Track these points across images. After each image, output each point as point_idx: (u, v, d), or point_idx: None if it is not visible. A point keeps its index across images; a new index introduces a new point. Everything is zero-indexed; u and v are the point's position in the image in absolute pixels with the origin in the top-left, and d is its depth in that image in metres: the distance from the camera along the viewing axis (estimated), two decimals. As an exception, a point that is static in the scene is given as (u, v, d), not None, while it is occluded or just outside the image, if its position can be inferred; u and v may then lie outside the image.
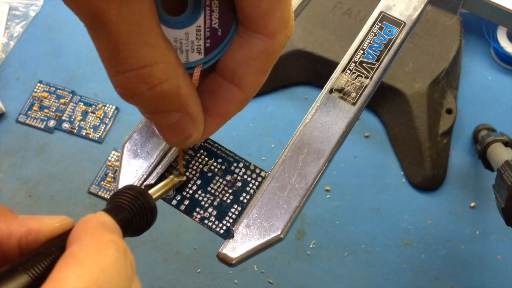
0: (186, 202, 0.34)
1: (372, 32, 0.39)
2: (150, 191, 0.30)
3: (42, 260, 0.21)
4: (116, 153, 0.68)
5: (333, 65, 0.66)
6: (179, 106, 0.26)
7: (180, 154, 0.34)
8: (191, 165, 0.35)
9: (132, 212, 0.26)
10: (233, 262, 0.31)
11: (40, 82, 0.72)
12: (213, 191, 0.34)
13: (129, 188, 0.27)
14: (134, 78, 0.24)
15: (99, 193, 0.65)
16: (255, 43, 0.27)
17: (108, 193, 0.65)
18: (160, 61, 0.24)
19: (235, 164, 0.35)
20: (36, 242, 0.22)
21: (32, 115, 0.70)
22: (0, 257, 0.22)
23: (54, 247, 0.22)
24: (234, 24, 0.27)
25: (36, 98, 0.71)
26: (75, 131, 0.69)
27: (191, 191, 0.34)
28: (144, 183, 0.34)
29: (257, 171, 0.35)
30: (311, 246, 0.63)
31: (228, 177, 0.34)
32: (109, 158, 0.67)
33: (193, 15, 0.27)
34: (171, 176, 0.34)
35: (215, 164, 0.35)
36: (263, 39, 0.26)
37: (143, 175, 0.34)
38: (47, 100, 0.71)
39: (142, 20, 0.23)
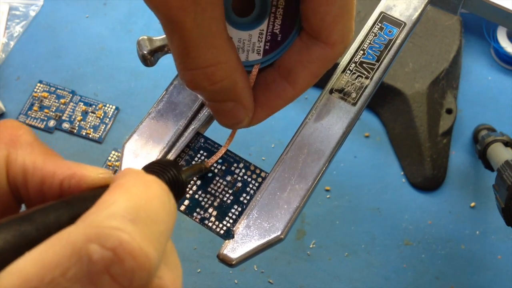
0: (186, 202, 0.34)
1: (372, 32, 0.39)
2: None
3: (84, 201, 0.21)
4: (116, 153, 0.68)
5: (333, 65, 0.66)
6: (235, 97, 0.30)
7: (231, 138, 0.35)
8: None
9: (165, 181, 0.26)
10: (234, 262, 0.31)
11: (40, 82, 0.72)
12: (213, 191, 0.34)
13: (161, 160, 0.28)
14: (200, 75, 0.27)
15: (99, 193, 0.65)
16: (315, 49, 0.30)
17: (108, 193, 0.65)
18: (222, 62, 0.27)
19: (235, 165, 0.35)
20: (78, 187, 0.22)
21: (32, 115, 0.70)
22: (40, 195, 0.22)
23: (97, 192, 0.21)
24: (293, 32, 0.31)
25: (36, 98, 0.71)
26: (75, 131, 0.69)
27: (191, 192, 0.34)
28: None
29: (257, 171, 0.35)
30: (311, 246, 0.63)
31: (228, 178, 0.34)
32: (109, 158, 0.67)
33: (258, 20, 0.31)
34: (200, 163, 0.34)
35: (215, 164, 0.35)
36: (323, 47, 0.30)
37: (143, 176, 0.34)
38: (47, 100, 0.71)
39: (212, 26, 0.26)
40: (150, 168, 0.26)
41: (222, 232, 0.33)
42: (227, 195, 0.34)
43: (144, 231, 0.18)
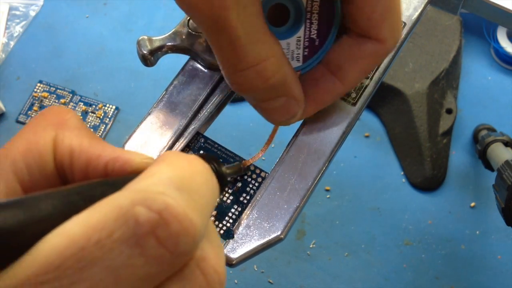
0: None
1: (372, 32, 0.39)
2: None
3: (128, 182, 0.21)
4: (116, 153, 0.68)
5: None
6: (286, 91, 0.29)
7: (273, 134, 0.35)
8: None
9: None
10: (234, 262, 0.31)
11: (40, 82, 0.72)
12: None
13: (203, 154, 0.28)
14: (252, 74, 0.27)
15: (99, 193, 0.65)
16: (366, 46, 0.30)
17: (108, 193, 0.65)
18: (271, 55, 0.27)
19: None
20: (122, 171, 0.22)
21: (32, 115, 0.70)
22: (84, 176, 0.23)
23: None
24: (331, 34, 0.31)
25: (36, 98, 0.71)
26: (75, 131, 0.69)
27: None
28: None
29: (257, 171, 0.35)
30: (311, 246, 0.63)
31: (228, 178, 0.34)
32: (109, 158, 0.67)
33: (294, 27, 0.31)
34: (239, 163, 0.34)
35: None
36: (374, 43, 0.30)
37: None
38: (47, 100, 0.71)
39: (255, 21, 0.26)
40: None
41: (222, 232, 0.33)
42: (227, 195, 0.34)
43: (188, 200, 0.19)
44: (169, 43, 0.36)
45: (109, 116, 0.70)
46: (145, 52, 0.35)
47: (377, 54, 0.31)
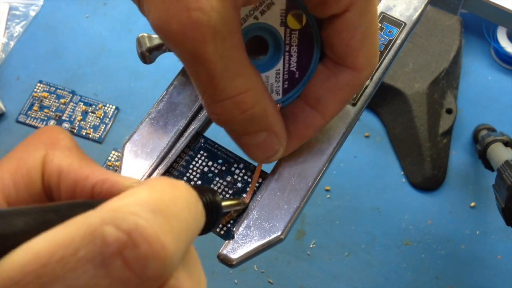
0: (187, 202, 0.34)
1: (372, 32, 0.39)
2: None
3: None
4: (116, 153, 0.68)
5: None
6: (266, 126, 0.29)
7: (258, 173, 0.34)
8: (191, 166, 0.35)
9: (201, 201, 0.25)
10: (234, 263, 0.31)
11: (40, 82, 0.72)
12: (213, 191, 0.34)
13: (200, 185, 0.27)
14: (230, 105, 0.27)
15: (99, 193, 0.65)
16: (343, 75, 0.30)
17: (108, 193, 0.65)
18: (250, 88, 0.27)
19: (235, 165, 0.35)
20: (109, 193, 0.22)
21: (32, 115, 0.70)
22: (71, 197, 0.22)
23: None
24: (311, 66, 0.31)
25: (36, 98, 0.71)
26: (75, 131, 0.69)
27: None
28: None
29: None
30: (311, 246, 0.63)
31: (229, 178, 0.34)
32: (109, 158, 0.67)
33: (272, 60, 0.31)
34: (239, 198, 0.33)
35: (215, 165, 0.35)
36: (350, 73, 0.30)
37: (143, 176, 0.34)
38: (47, 100, 0.71)
39: (234, 53, 0.26)
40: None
41: (222, 232, 0.33)
42: (227, 196, 0.34)
43: (163, 223, 0.18)
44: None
45: (109, 116, 0.70)
46: (143, 49, 0.35)
47: (354, 83, 0.30)
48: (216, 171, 0.35)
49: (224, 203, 0.28)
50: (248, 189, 0.34)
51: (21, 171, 0.22)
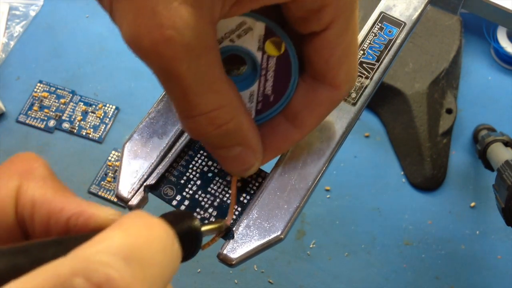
0: (186, 202, 0.34)
1: (372, 32, 0.39)
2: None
3: (86, 240, 0.19)
4: (116, 153, 0.68)
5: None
6: (242, 140, 0.29)
7: (234, 187, 0.33)
8: (191, 166, 0.35)
9: (177, 230, 0.23)
10: (234, 262, 0.31)
11: (40, 82, 0.72)
12: (213, 191, 0.34)
13: (178, 211, 0.27)
14: (203, 121, 0.27)
15: (99, 193, 0.65)
16: (321, 92, 0.30)
17: (108, 193, 0.65)
18: (225, 104, 0.27)
19: (235, 165, 0.35)
20: (85, 226, 0.22)
21: (32, 115, 0.70)
22: (45, 230, 0.22)
23: None
24: (287, 93, 0.30)
25: (36, 98, 0.71)
26: (75, 131, 0.69)
27: (191, 192, 0.34)
28: (145, 184, 0.34)
29: (257, 171, 0.35)
30: (311, 246, 0.63)
31: (228, 178, 0.34)
32: (109, 158, 0.67)
33: (248, 80, 0.30)
34: (220, 220, 0.32)
35: (215, 164, 0.35)
36: (329, 89, 0.30)
37: (143, 176, 0.34)
38: (47, 100, 0.71)
39: (209, 70, 0.25)
40: (163, 216, 0.24)
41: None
42: (227, 195, 0.34)
43: (136, 272, 0.17)
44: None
45: (109, 116, 0.70)
46: None
47: (333, 100, 0.30)
48: (216, 170, 0.35)
49: (204, 228, 0.28)
50: (248, 188, 0.34)
51: None
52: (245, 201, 0.34)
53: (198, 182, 0.34)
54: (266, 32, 0.29)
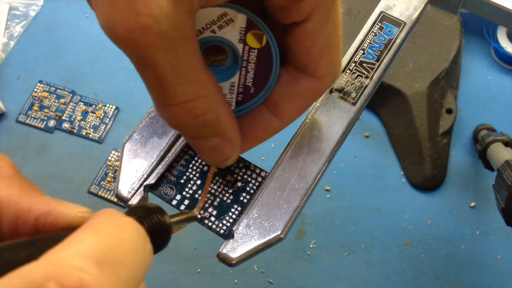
0: (186, 202, 0.34)
1: (372, 32, 0.39)
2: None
3: (57, 241, 0.19)
4: (116, 153, 0.68)
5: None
6: (219, 131, 0.28)
7: (210, 177, 0.34)
8: (191, 165, 0.35)
9: (146, 226, 0.24)
10: (233, 262, 0.31)
11: (40, 82, 0.72)
12: (213, 191, 0.34)
13: (146, 205, 0.27)
14: (180, 111, 0.26)
15: (99, 193, 0.65)
16: (303, 82, 0.30)
17: (108, 193, 0.65)
18: (202, 95, 0.26)
19: (235, 164, 0.35)
20: (54, 225, 0.21)
21: (32, 115, 0.70)
22: (14, 230, 0.22)
23: (72, 232, 0.20)
24: (267, 85, 0.30)
25: (36, 98, 0.71)
26: (75, 131, 0.69)
27: (191, 191, 0.34)
28: (144, 183, 0.34)
29: (257, 171, 0.35)
30: (311, 246, 0.63)
31: (228, 177, 0.34)
32: (109, 158, 0.67)
33: (229, 72, 0.30)
34: (188, 211, 0.33)
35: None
36: (311, 80, 0.29)
37: (143, 175, 0.34)
38: (47, 100, 0.71)
39: (187, 60, 0.25)
40: (133, 212, 0.24)
41: (222, 231, 0.33)
42: (227, 195, 0.34)
43: (109, 275, 0.17)
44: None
45: (109, 116, 0.70)
46: None
47: (314, 91, 0.30)
48: (216, 170, 0.35)
49: (173, 220, 0.28)
50: (248, 188, 0.34)
51: None
52: (245, 200, 0.34)
53: (198, 182, 0.34)
54: (247, 24, 0.29)
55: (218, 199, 0.34)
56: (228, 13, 0.28)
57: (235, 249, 0.31)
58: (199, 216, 0.33)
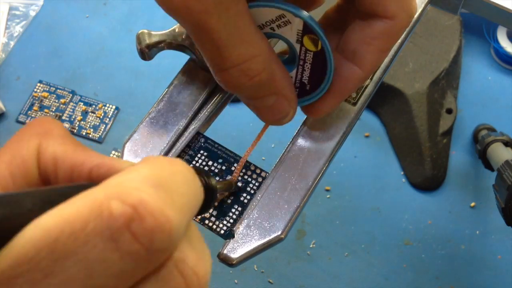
0: (187, 202, 0.34)
1: (373, 32, 0.39)
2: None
3: None
4: (116, 153, 0.68)
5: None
6: (275, 90, 0.29)
7: (258, 137, 0.35)
8: (191, 165, 0.35)
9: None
10: (234, 262, 0.31)
11: (40, 82, 0.72)
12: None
13: (195, 166, 0.27)
14: (236, 73, 0.27)
15: (99, 193, 0.65)
16: (376, 24, 0.29)
17: (108, 193, 0.65)
18: (256, 54, 0.27)
19: (235, 165, 0.35)
20: (107, 177, 0.22)
21: (32, 115, 0.70)
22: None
23: None
24: (321, 87, 0.31)
25: (36, 98, 0.71)
26: (75, 131, 0.69)
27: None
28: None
29: (257, 171, 0.35)
30: (311, 246, 0.63)
31: (229, 177, 0.34)
32: (109, 158, 0.67)
33: (290, 65, 0.31)
34: (229, 179, 0.34)
35: (215, 164, 0.35)
36: (384, 21, 0.29)
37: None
38: (47, 100, 0.71)
39: (238, 21, 0.26)
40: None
41: (222, 232, 0.33)
42: (227, 195, 0.34)
43: (165, 197, 0.18)
44: (168, 40, 0.36)
45: (109, 116, 0.70)
46: (143, 45, 0.35)
47: (390, 32, 0.30)
48: (216, 170, 0.35)
49: (218, 186, 0.29)
50: (248, 188, 0.34)
51: (16, 161, 0.22)
52: (245, 201, 0.34)
53: (198, 182, 0.34)
54: (304, 27, 0.29)
55: (218, 199, 0.34)
56: (286, 15, 0.29)
57: (235, 249, 0.31)
58: (239, 184, 0.34)
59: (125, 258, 0.17)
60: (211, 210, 0.34)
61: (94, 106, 0.70)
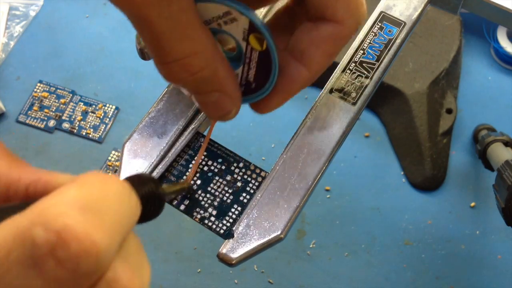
0: (186, 202, 0.34)
1: (372, 32, 0.39)
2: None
3: None
4: (116, 153, 0.68)
5: (333, 64, 0.65)
6: (218, 87, 0.29)
7: (208, 137, 0.35)
8: (191, 165, 0.35)
9: (140, 193, 0.24)
10: (233, 262, 0.31)
11: (40, 82, 0.72)
12: (213, 191, 0.34)
13: (141, 174, 0.27)
14: (176, 67, 0.27)
15: (99, 193, 0.65)
16: (324, 27, 0.29)
17: (108, 193, 0.65)
18: (199, 51, 0.27)
19: (235, 164, 0.35)
20: (44, 192, 0.22)
21: (32, 115, 0.70)
22: (6, 201, 0.22)
23: None
24: (265, 87, 0.31)
25: (36, 98, 0.71)
26: (75, 131, 0.69)
27: (191, 191, 0.34)
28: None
29: (257, 171, 0.35)
30: (311, 246, 0.63)
31: (228, 177, 0.34)
32: (109, 158, 0.67)
33: (235, 62, 0.31)
34: (182, 181, 0.34)
35: (215, 164, 0.35)
36: (332, 25, 0.29)
37: (143, 175, 0.34)
38: (47, 100, 0.71)
39: (181, 17, 0.25)
40: (129, 179, 0.25)
41: (222, 231, 0.33)
42: (227, 195, 0.34)
43: (92, 219, 0.18)
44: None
45: (109, 116, 0.70)
46: (142, 45, 0.36)
47: (338, 36, 0.29)
48: (216, 170, 0.35)
49: (166, 188, 0.29)
50: (248, 188, 0.34)
51: None
52: (245, 200, 0.34)
53: (198, 182, 0.34)
54: (250, 26, 0.29)
55: (218, 199, 0.34)
56: (232, 13, 0.28)
57: (235, 249, 0.32)
58: (194, 186, 0.34)
59: (50, 284, 0.18)
60: (210, 210, 0.34)
61: (94, 106, 0.70)
